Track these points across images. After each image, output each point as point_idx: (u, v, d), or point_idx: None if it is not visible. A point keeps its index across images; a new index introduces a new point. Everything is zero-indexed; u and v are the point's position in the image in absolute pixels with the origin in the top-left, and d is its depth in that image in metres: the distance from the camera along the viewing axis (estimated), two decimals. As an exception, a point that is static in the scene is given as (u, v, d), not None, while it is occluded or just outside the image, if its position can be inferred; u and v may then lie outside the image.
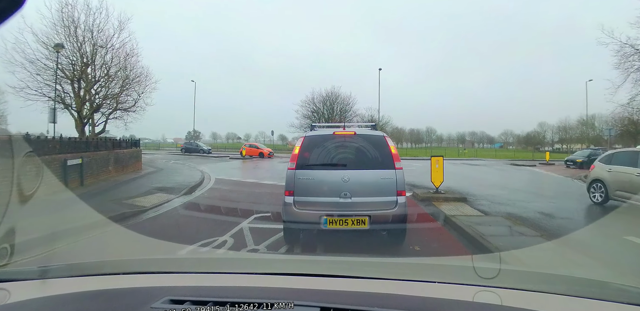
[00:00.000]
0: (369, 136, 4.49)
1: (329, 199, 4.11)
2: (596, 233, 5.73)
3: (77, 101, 16.02)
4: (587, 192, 8.49)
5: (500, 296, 1.03)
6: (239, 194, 8.98)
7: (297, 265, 1.62)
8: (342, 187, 4.10)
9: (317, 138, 4.47)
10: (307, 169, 4.24)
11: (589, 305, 1.01)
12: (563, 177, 16.27)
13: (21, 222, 4.15)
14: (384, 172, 4.18)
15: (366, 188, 4.15)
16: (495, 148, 72.05)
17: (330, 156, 4.35)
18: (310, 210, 4.14)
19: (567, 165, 22.35)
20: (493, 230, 5.04)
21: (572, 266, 3.56)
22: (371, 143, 4.35)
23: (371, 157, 4.30)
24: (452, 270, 1.55)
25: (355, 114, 41.51)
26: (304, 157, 4.30)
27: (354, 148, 4.39)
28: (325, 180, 4.19)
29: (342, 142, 4.41)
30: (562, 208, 7.70)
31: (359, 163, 4.31)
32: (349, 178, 4.13)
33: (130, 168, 14.98)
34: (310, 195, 4.18)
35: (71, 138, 10.57)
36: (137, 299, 1.02)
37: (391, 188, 4.15)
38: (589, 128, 64.47)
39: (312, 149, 4.35)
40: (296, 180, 4.21)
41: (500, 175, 17.27)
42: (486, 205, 7.68)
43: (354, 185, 4.12)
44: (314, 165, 4.30)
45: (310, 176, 4.22)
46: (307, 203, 4.17)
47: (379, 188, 4.16)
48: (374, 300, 0.99)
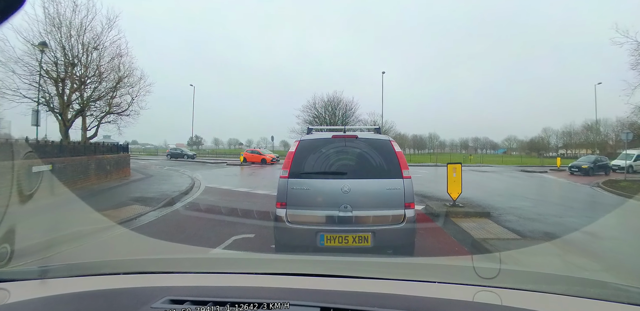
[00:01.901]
0: (372, 140, 3.88)
1: (326, 212, 3.50)
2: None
3: (61, 103, 14.99)
4: (616, 201, 7.30)
5: (500, 296, 1.02)
6: (225, 207, 7.78)
7: (297, 265, 1.59)
8: (341, 199, 3.49)
9: (314, 143, 3.86)
10: (302, 178, 3.63)
11: (589, 305, 1.00)
12: (580, 185, 15.13)
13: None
14: (390, 182, 3.57)
15: (369, 199, 3.55)
16: (499, 154, 70.77)
17: (328, 163, 3.70)
18: (305, 226, 3.51)
19: (572, 172, 21.01)
20: (542, 262, 3.87)
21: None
22: (375, 149, 3.73)
23: (375, 164, 3.69)
24: (452, 270, 1.54)
25: (357, 119, 40.48)
26: (298, 164, 3.68)
27: (355, 154, 3.76)
28: (322, 190, 3.58)
29: (342, 146, 3.76)
30: (605, 225, 6.53)
31: (362, 171, 3.67)
32: (349, 189, 3.51)
33: (116, 175, 13.87)
34: (305, 208, 3.57)
35: (40, 142, 9.48)
36: (137, 299, 1.01)
37: (398, 200, 3.54)
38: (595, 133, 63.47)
39: (308, 155, 3.73)
40: (289, 190, 3.60)
41: (515, 183, 16.07)
42: (514, 221, 6.49)
43: (355, 196, 3.50)
44: (310, 173, 3.66)
45: (306, 185, 3.61)
46: (302, 217, 3.55)
47: (384, 200, 3.55)
48: (374, 300, 0.99)
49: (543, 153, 71.78)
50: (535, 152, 73.34)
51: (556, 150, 73.76)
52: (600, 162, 22.10)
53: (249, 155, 28.37)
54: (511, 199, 9.63)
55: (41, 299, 1.03)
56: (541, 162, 33.18)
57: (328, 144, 3.78)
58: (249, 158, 27.68)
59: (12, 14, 0.80)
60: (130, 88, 21.47)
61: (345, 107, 38.62)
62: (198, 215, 6.86)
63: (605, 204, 9.73)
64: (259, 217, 6.03)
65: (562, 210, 8.12)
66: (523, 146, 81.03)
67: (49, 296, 1.04)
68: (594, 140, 60.56)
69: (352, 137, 3.81)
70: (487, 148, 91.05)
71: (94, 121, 20.52)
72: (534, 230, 5.90)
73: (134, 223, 6.18)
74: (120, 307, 0.98)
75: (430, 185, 13.46)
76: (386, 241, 3.49)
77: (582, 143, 66.97)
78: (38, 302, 1.01)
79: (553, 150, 74.16)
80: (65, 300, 1.03)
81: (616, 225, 6.66)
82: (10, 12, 0.80)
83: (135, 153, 47.51)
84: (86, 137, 17.48)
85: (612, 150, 53.50)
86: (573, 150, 69.74)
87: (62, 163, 9.51)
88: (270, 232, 4.08)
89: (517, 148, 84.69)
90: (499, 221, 6.35)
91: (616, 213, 7.70)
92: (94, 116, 20.31)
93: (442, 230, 5.63)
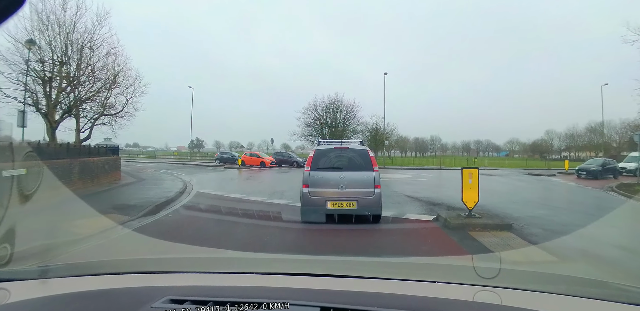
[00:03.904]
0: (357, 149, 6.25)
1: (331, 189, 5.82)
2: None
3: (48, 103, 14.27)
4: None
5: (500, 296, 1.02)
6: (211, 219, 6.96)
7: (297, 265, 1.60)
8: (339, 182, 5.82)
9: (323, 151, 6.24)
10: (317, 171, 5.98)
11: (589, 305, 1.00)
12: (593, 189, 14.32)
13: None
14: (366, 173, 5.92)
15: (355, 182, 5.83)
16: (501, 156, 69.81)
17: (332, 162, 6.13)
18: (318, 196, 5.82)
19: (579, 175, 20.03)
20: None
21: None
22: (358, 155, 6.13)
23: (358, 163, 6.04)
24: (452, 270, 1.53)
25: (359, 122, 39.55)
26: (315, 163, 6.04)
27: (347, 157, 6.15)
28: (328, 177, 5.90)
29: (339, 153, 6.22)
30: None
31: (350, 167, 6.03)
32: (344, 177, 5.85)
33: (105, 178, 13.11)
34: (319, 187, 5.87)
35: (13, 143, 8.73)
36: (137, 299, 1.01)
37: (371, 183, 5.85)
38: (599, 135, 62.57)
39: (320, 158, 6.11)
40: (310, 177, 5.91)
41: (525, 187, 15.24)
42: (540, 235, 5.66)
43: (347, 180, 5.83)
44: (322, 168, 6.03)
45: (319, 175, 5.94)
46: (317, 192, 5.86)
47: (362, 183, 5.84)
48: (374, 300, 0.98)
49: (546, 156, 70.98)
50: (538, 155, 72.55)
51: (559, 152, 72.93)
52: (609, 164, 21.22)
53: (248, 158, 27.51)
54: (527, 206, 8.81)
55: (41, 299, 1.03)
56: (547, 165, 32.20)
57: (331, 152, 6.22)
58: (248, 161, 26.87)
59: (12, 14, 0.82)
60: (125, 88, 20.81)
61: (346, 110, 37.83)
62: (173, 231, 6.07)
63: (628, 211, 8.92)
64: (247, 235, 5.23)
65: (586, 219, 7.31)
66: (525, 148, 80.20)
67: (49, 296, 1.05)
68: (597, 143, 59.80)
69: (345, 148, 6.30)
70: (489, 151, 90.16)
71: (87, 123, 19.96)
72: (566, 246, 5.10)
73: (105, 235, 5.38)
74: (120, 307, 0.99)
75: (437, 191, 12.68)
76: (364, 206, 5.71)
77: (586, 146, 66.14)
78: (38, 302, 1.01)
79: (556, 153, 73.37)
80: (65, 300, 1.03)
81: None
82: (10, 13, 0.81)
83: (133, 156, 47.03)
84: (79, 139, 16.80)
85: (616, 152, 52.65)
86: (576, 152, 68.88)
87: (40, 167, 8.76)
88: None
89: (520, 151, 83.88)
90: (523, 235, 5.53)
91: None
92: (87, 118, 19.71)
93: (460, 248, 4.81)
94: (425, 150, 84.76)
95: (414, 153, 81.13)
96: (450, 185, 13.95)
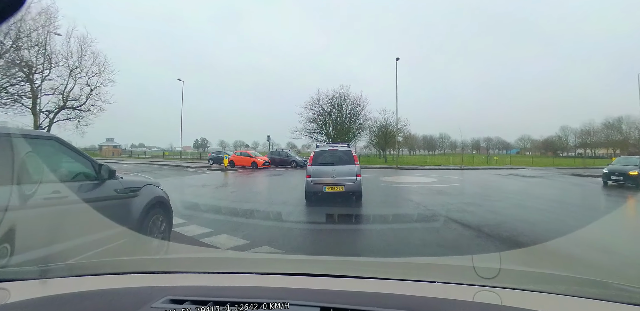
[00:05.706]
0: (344, 150, 8.74)
1: (326, 178, 8.12)
2: None
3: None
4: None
5: (500, 296, 1.01)
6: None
7: (297, 265, 1.61)
8: (332, 173, 8.17)
9: (321, 151, 8.76)
10: (317, 165, 8.37)
11: (589, 305, 1.00)
12: None
13: None
14: (350, 166, 8.27)
15: (342, 173, 8.17)
16: (512, 154, 66.42)
17: (326, 159, 8.54)
18: (318, 183, 8.11)
19: (608, 181, 13.92)
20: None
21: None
22: (345, 153, 8.59)
23: (345, 159, 8.45)
24: (452, 270, 1.53)
25: (366, 118, 35.92)
26: (315, 160, 8.46)
27: (337, 155, 8.59)
28: (324, 170, 8.25)
29: (332, 152, 8.68)
30: None
31: (339, 162, 8.42)
32: (335, 169, 8.22)
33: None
34: (318, 177, 8.19)
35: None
36: (137, 299, 1.01)
37: (354, 173, 8.19)
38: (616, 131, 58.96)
39: (318, 156, 8.57)
40: (312, 170, 8.28)
41: (596, 197, 11.40)
42: None
43: (337, 172, 8.18)
44: (320, 163, 8.42)
45: (318, 168, 8.31)
46: (317, 180, 8.16)
47: (348, 173, 8.18)
48: (374, 300, 1.00)
49: (560, 153, 67.48)
50: (552, 152, 69.04)
51: (574, 149, 69.25)
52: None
53: (238, 157, 23.93)
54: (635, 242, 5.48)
55: (41, 299, 1.03)
56: (583, 163, 28.69)
57: (326, 152, 8.76)
58: (237, 161, 23.39)
59: (12, 14, 0.81)
60: (88, 78, 17.78)
61: (352, 104, 34.32)
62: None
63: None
64: None
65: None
66: (538, 146, 76.93)
67: (49, 296, 1.05)
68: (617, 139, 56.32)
69: (335, 149, 8.81)
70: (499, 148, 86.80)
71: (46, 119, 17.23)
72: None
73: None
74: (120, 307, 0.99)
75: (495, 208, 8.00)
76: (349, 189, 8.05)
77: (602, 142, 62.67)
78: (38, 302, 1.01)
79: (571, 150, 69.78)
80: (65, 299, 1.03)
81: None
82: (10, 12, 0.81)
83: (135, 156, 44.55)
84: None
85: (634, 148, 48.88)
86: (593, 149, 65.26)
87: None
88: None
89: (532, 148, 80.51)
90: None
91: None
92: (46, 113, 16.89)
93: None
94: (434, 148, 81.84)
95: (422, 152, 78.02)
96: (497, 194, 10.71)
